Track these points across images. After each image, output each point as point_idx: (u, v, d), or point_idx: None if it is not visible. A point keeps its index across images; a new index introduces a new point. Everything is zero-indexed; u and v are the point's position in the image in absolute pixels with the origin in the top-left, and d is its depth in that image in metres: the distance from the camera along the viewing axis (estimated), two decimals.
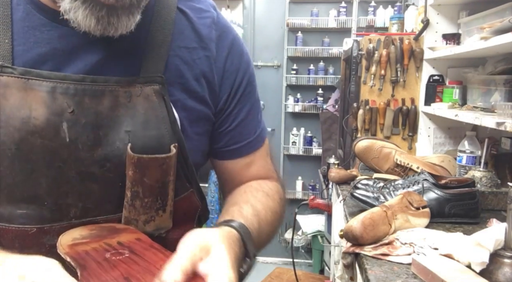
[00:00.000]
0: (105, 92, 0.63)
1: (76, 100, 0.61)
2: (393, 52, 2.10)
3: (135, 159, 0.63)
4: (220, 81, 0.74)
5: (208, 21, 0.73)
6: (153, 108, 0.65)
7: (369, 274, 0.91)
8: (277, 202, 0.78)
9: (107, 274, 0.52)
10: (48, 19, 0.62)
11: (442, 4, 1.96)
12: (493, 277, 0.83)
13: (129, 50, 0.66)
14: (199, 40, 0.72)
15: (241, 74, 0.77)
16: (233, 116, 0.77)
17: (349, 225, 1.03)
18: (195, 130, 0.72)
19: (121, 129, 0.64)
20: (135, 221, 0.66)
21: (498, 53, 1.59)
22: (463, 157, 1.60)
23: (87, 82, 0.62)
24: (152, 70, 0.66)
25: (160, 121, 0.66)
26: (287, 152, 3.97)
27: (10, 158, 0.60)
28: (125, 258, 0.56)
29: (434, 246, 0.98)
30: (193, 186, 0.74)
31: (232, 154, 0.79)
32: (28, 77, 0.60)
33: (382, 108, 2.15)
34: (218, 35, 0.74)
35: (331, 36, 3.77)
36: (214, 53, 0.73)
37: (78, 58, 0.63)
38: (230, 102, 0.76)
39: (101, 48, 0.64)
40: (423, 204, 1.15)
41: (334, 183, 1.86)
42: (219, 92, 0.74)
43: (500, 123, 1.17)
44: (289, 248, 3.80)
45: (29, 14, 0.62)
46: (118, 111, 0.64)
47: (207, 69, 0.72)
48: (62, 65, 0.62)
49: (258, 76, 3.95)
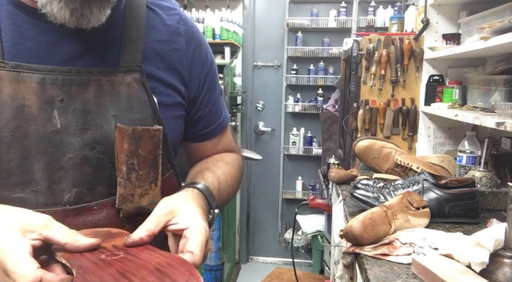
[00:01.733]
0: (90, 82, 0.69)
1: (64, 89, 0.67)
2: (393, 52, 2.10)
3: (130, 131, 0.69)
4: (189, 71, 0.82)
5: (176, 18, 0.81)
6: (134, 95, 0.72)
7: (369, 274, 0.91)
8: (236, 168, 0.91)
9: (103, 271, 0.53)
10: (29, 17, 0.67)
11: (442, 4, 1.96)
12: (493, 277, 0.83)
13: (105, 44, 0.72)
14: (169, 34, 0.79)
15: (207, 67, 0.86)
16: (205, 102, 0.87)
17: (349, 225, 1.03)
18: (171, 113, 0.79)
19: (107, 114, 0.70)
20: (131, 197, 0.71)
21: (498, 53, 1.59)
22: (463, 157, 1.60)
23: (73, 73, 0.68)
24: (131, 61, 0.73)
25: (142, 105, 0.73)
26: (287, 152, 3.97)
27: (5, 144, 0.64)
28: (121, 258, 0.57)
29: (434, 246, 0.98)
30: (173, 167, 0.81)
31: (205, 136, 0.90)
32: (19, 70, 0.65)
33: (382, 108, 2.15)
34: (186, 30, 0.82)
35: (331, 36, 3.77)
36: (184, 46, 0.81)
37: (61, 51, 0.69)
38: (201, 91, 0.85)
39: (80, 42, 0.70)
40: (423, 204, 1.15)
41: (334, 183, 1.86)
42: (189, 81, 0.82)
43: (500, 123, 1.17)
44: (289, 248, 3.81)
45: (12, 13, 0.67)
46: (103, 98, 0.70)
47: (177, 60, 0.80)
48: (47, 58, 0.67)
49: (258, 76, 3.96)
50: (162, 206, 0.67)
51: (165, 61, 0.78)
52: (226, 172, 0.86)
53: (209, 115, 0.88)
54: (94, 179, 0.69)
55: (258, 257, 4.18)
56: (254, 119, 4.03)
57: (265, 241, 4.15)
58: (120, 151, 0.69)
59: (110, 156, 0.70)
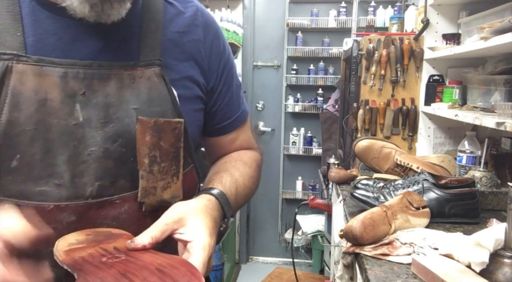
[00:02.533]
0: (111, 76, 0.69)
1: (86, 83, 0.68)
2: (393, 52, 2.10)
3: (152, 123, 0.70)
4: (208, 62, 0.82)
5: (193, 9, 0.82)
6: (155, 88, 0.73)
7: (369, 274, 0.91)
8: (254, 168, 0.90)
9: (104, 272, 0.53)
10: (51, 12, 0.68)
11: (442, 4, 1.96)
12: (493, 277, 0.83)
13: (125, 38, 0.73)
14: (187, 26, 0.80)
15: (225, 57, 0.86)
16: (223, 94, 0.86)
17: (349, 225, 1.03)
18: (191, 107, 0.79)
19: (128, 107, 0.70)
20: (153, 190, 0.71)
21: (498, 53, 1.59)
22: (463, 157, 1.60)
23: (94, 67, 0.68)
24: (150, 55, 0.74)
25: (162, 99, 0.73)
26: (287, 152, 3.97)
27: (29, 137, 0.64)
28: (122, 260, 0.57)
29: (434, 246, 0.98)
30: (193, 162, 0.81)
31: (223, 130, 0.89)
32: (42, 64, 0.66)
33: (382, 108, 2.15)
34: (203, 21, 0.82)
35: (331, 36, 3.77)
36: (202, 37, 0.81)
37: (82, 45, 0.69)
38: (218, 82, 0.85)
39: (101, 36, 0.70)
40: (423, 204, 1.16)
41: (334, 183, 1.86)
42: (208, 73, 0.82)
43: (500, 123, 1.17)
44: (289, 248, 3.81)
45: (34, 9, 0.68)
46: (124, 91, 0.70)
47: (195, 51, 0.80)
48: (69, 53, 0.68)
49: (258, 76, 3.96)
50: (172, 212, 0.66)
51: (184, 52, 0.78)
52: (244, 173, 0.85)
53: (226, 109, 0.87)
54: (116, 172, 0.69)
55: (258, 257, 4.18)
56: (254, 119, 4.03)
57: (265, 241, 4.15)
58: (142, 143, 0.70)
59: (132, 149, 0.70)
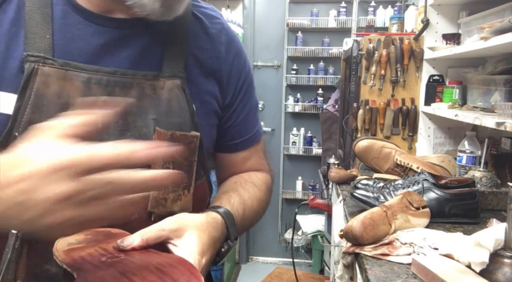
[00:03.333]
0: (133, 84, 0.70)
1: (108, 90, 0.69)
2: (393, 52, 2.10)
3: (169, 135, 0.70)
4: (227, 80, 0.83)
5: (219, 27, 0.83)
6: (175, 100, 0.73)
7: (369, 274, 0.91)
8: (263, 191, 0.88)
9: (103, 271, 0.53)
10: (82, 18, 0.70)
11: (442, 4, 1.96)
12: (493, 277, 0.83)
13: (151, 48, 0.74)
14: (211, 43, 0.81)
15: (244, 75, 0.87)
16: (238, 112, 0.86)
17: (349, 225, 1.03)
18: (207, 121, 0.80)
19: (147, 117, 0.71)
20: (164, 201, 0.71)
21: (498, 53, 1.59)
22: (463, 157, 1.60)
23: (117, 75, 0.69)
24: (174, 67, 0.74)
25: (181, 111, 0.74)
26: (287, 152, 3.97)
27: None
28: (121, 260, 0.57)
29: (434, 246, 0.98)
30: (206, 174, 0.81)
31: (235, 147, 0.88)
32: (67, 68, 0.67)
33: (382, 108, 2.15)
34: (227, 40, 0.83)
35: (331, 36, 3.77)
36: (224, 55, 0.82)
37: (108, 52, 0.70)
38: (235, 99, 0.85)
39: (127, 45, 0.72)
40: (423, 204, 1.15)
41: (334, 183, 1.86)
42: (226, 89, 0.83)
43: (500, 123, 1.17)
44: (289, 248, 3.80)
45: (66, 13, 0.69)
46: (144, 101, 0.71)
47: (216, 68, 0.81)
48: (95, 59, 0.69)
49: (258, 76, 3.96)
50: (173, 220, 0.65)
51: (205, 68, 0.79)
52: (253, 196, 0.84)
53: (240, 127, 0.87)
54: None
55: (258, 257, 4.18)
56: None
57: (265, 241, 4.14)
58: None
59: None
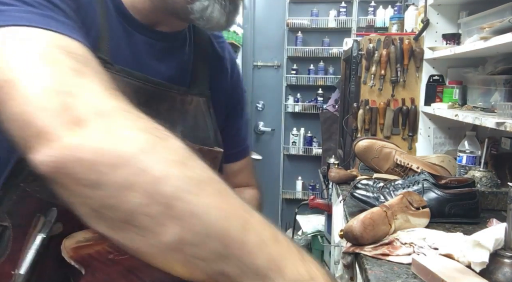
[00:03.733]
0: (166, 97, 0.73)
1: (144, 98, 0.70)
2: (393, 52, 2.10)
3: (197, 149, 0.71)
4: (229, 95, 0.87)
5: (224, 45, 0.87)
6: (200, 115, 0.77)
7: (369, 274, 0.91)
8: (256, 207, 0.90)
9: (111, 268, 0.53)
10: (132, 28, 0.72)
11: (442, 4, 1.96)
12: (493, 277, 0.83)
13: (183, 63, 0.78)
14: (220, 61, 0.85)
15: (240, 90, 0.91)
16: (229, 127, 0.88)
17: (349, 225, 1.03)
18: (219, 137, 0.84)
19: (175, 129, 0.72)
20: None
21: (498, 53, 1.59)
22: (463, 157, 1.60)
23: (160, 86, 0.72)
24: (201, 85, 0.79)
25: (206, 126, 0.77)
26: (287, 152, 3.97)
27: None
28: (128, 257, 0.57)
29: (434, 246, 0.98)
30: None
31: (229, 158, 0.89)
32: (122, 75, 0.69)
33: (382, 108, 2.15)
34: (230, 59, 0.88)
35: (331, 36, 3.77)
36: (230, 72, 0.87)
37: (147, 63, 0.73)
38: (231, 111, 0.88)
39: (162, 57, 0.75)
40: (423, 204, 1.15)
41: (334, 183, 1.86)
42: (226, 104, 0.86)
43: (500, 123, 1.17)
44: None
45: (119, 23, 0.72)
46: (173, 113, 0.74)
47: (225, 84, 0.85)
48: (140, 68, 0.71)
49: (258, 76, 3.96)
50: None
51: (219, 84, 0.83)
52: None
53: (236, 137, 0.90)
54: None
55: None
56: (254, 119, 4.03)
57: None
58: None
59: None
